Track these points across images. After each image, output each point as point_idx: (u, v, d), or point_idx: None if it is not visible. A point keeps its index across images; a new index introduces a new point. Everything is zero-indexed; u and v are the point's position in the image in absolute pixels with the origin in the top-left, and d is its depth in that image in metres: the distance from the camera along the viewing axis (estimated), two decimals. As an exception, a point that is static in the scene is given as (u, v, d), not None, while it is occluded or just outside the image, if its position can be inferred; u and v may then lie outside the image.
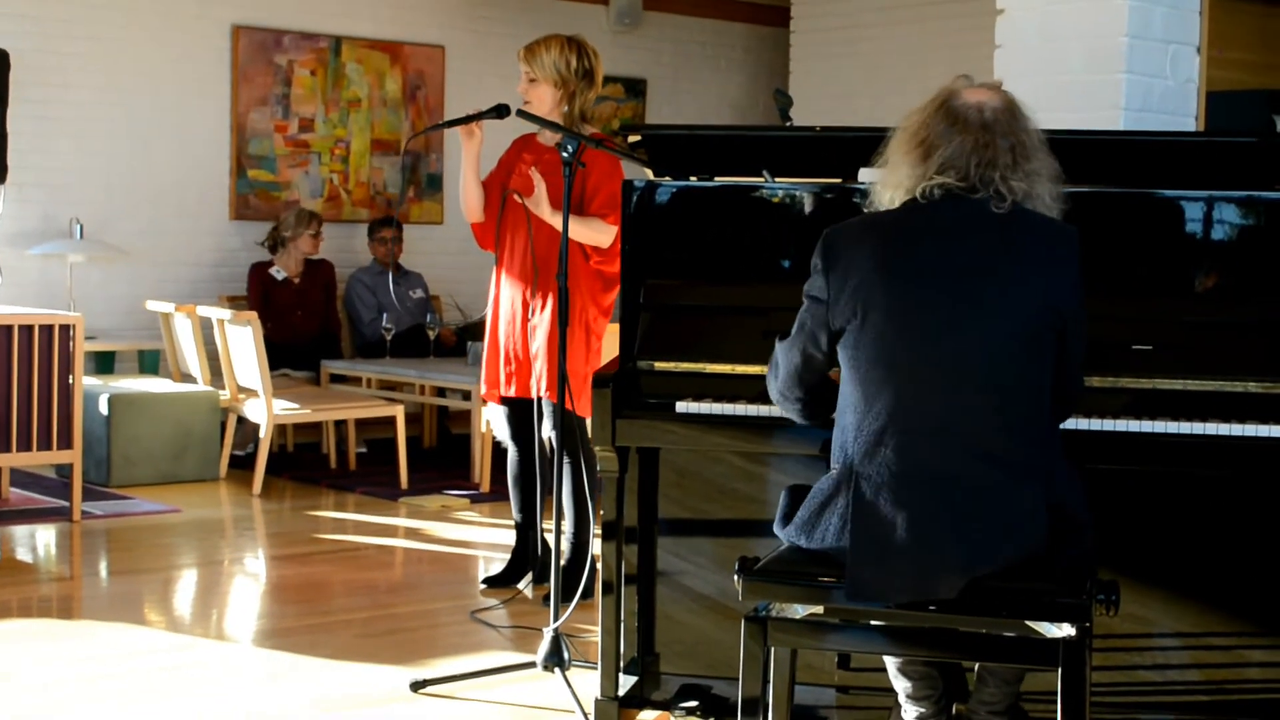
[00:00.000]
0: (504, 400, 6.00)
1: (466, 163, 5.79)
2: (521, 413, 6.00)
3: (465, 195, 5.89)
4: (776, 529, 3.67)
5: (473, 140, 5.72)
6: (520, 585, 6.17)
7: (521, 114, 5.38)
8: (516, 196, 5.68)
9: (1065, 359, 3.54)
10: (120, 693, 4.84)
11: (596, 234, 5.64)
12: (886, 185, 3.62)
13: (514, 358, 5.86)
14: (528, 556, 6.20)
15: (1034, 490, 3.42)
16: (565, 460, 5.77)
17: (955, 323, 3.44)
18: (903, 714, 3.90)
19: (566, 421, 5.66)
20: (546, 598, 5.80)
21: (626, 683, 4.47)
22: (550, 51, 5.82)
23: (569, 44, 5.85)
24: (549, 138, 5.85)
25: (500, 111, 5.50)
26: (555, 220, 5.52)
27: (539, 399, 5.74)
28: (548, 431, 5.90)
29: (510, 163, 5.92)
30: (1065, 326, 3.50)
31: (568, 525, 5.92)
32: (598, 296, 5.81)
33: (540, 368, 5.74)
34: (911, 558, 3.40)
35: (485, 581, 6.23)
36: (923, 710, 3.85)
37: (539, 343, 5.76)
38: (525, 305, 5.80)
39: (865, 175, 3.78)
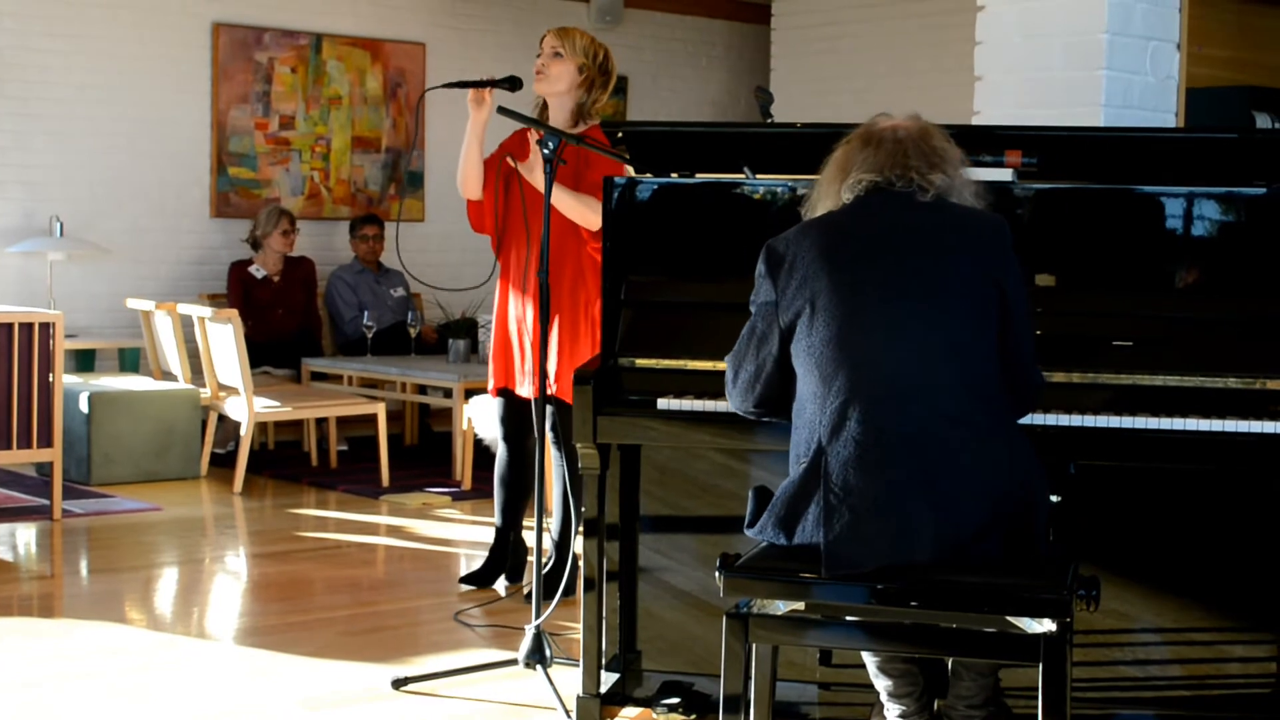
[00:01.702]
0: (505, 396, 5.94)
1: (472, 132, 5.65)
2: (525, 413, 5.97)
3: (465, 168, 5.73)
4: (748, 532, 3.68)
5: (482, 109, 5.57)
6: (496, 586, 6.16)
7: (503, 111, 5.32)
8: (510, 160, 5.61)
9: (1009, 339, 3.60)
10: (102, 691, 4.83)
11: (587, 210, 5.54)
12: (816, 208, 3.77)
13: (527, 356, 5.80)
14: (505, 555, 6.18)
15: (998, 448, 3.49)
16: (561, 457, 5.75)
17: (903, 294, 3.53)
18: (885, 712, 3.91)
19: (560, 417, 5.64)
20: (528, 595, 5.80)
21: (608, 680, 4.47)
22: (584, 38, 5.83)
23: (597, 41, 5.87)
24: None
25: (513, 83, 5.48)
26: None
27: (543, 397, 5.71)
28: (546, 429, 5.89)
29: (511, 148, 5.84)
30: (1005, 301, 3.58)
31: (555, 522, 5.91)
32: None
33: (551, 366, 5.68)
34: (885, 521, 3.44)
35: (463, 579, 6.22)
36: (904, 708, 3.86)
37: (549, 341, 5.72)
38: (534, 304, 5.73)
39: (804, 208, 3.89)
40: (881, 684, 3.88)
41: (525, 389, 5.80)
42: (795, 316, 3.58)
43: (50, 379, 7.33)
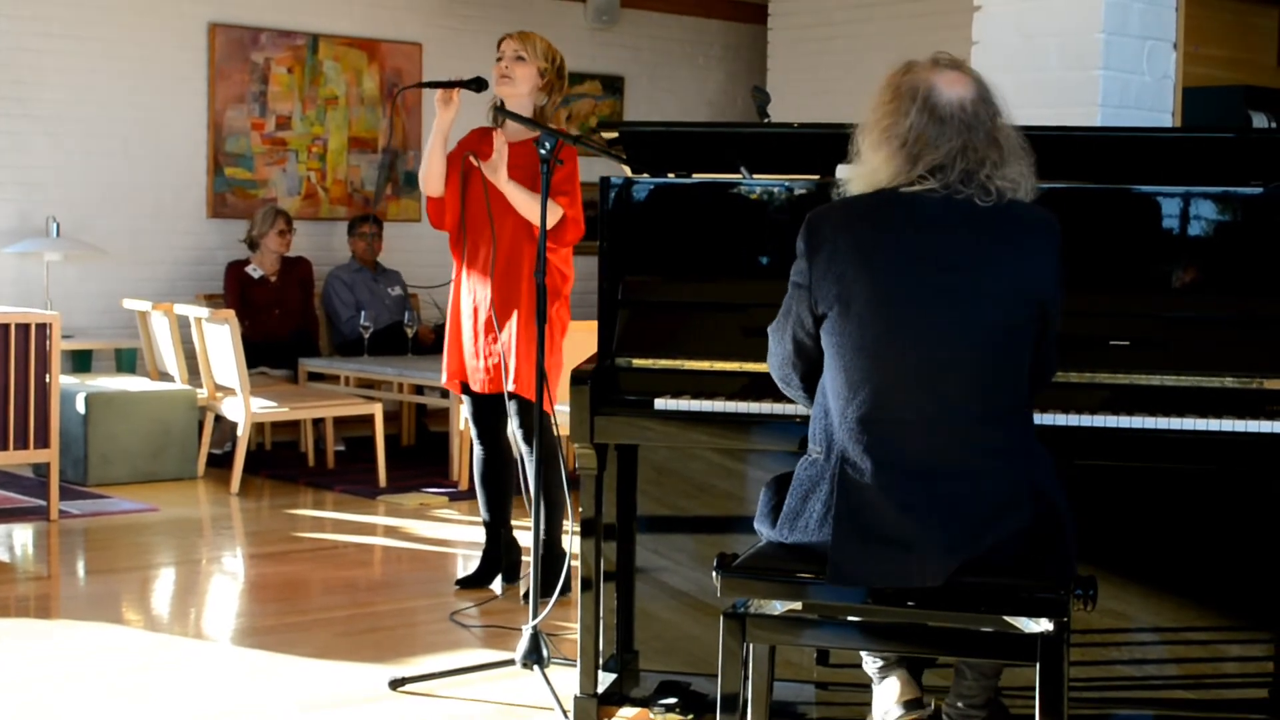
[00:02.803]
0: (472, 396, 5.98)
1: (438, 130, 5.73)
2: (490, 409, 6.00)
3: (429, 165, 5.79)
4: (759, 525, 3.68)
5: (449, 109, 5.69)
6: (493, 586, 6.16)
7: (500, 110, 5.38)
8: (472, 159, 5.68)
9: (1042, 345, 3.56)
10: (100, 692, 4.83)
11: (539, 208, 5.61)
12: (863, 178, 3.57)
13: (483, 353, 5.83)
14: (499, 554, 6.19)
15: (1017, 476, 3.44)
16: (529, 453, 5.77)
17: (938, 313, 3.44)
18: (864, 666, 3.91)
19: (523, 415, 5.68)
20: (526, 595, 5.80)
21: (605, 680, 4.47)
22: (542, 42, 5.94)
23: (553, 46, 5.92)
24: (515, 132, 5.81)
25: (479, 84, 5.63)
26: (508, 189, 5.58)
27: (506, 394, 5.74)
28: (513, 429, 5.90)
29: (471, 145, 5.87)
30: (1046, 313, 3.51)
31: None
32: (557, 285, 5.79)
33: (511, 363, 5.73)
34: (894, 543, 3.41)
35: (459, 583, 6.22)
36: (884, 659, 3.87)
37: (505, 337, 5.74)
38: (493, 300, 5.76)
39: (842, 171, 3.77)
40: None
41: (477, 384, 5.87)
42: (827, 309, 3.51)
43: (47, 379, 7.33)
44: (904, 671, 3.86)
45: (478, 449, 6.11)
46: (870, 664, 3.90)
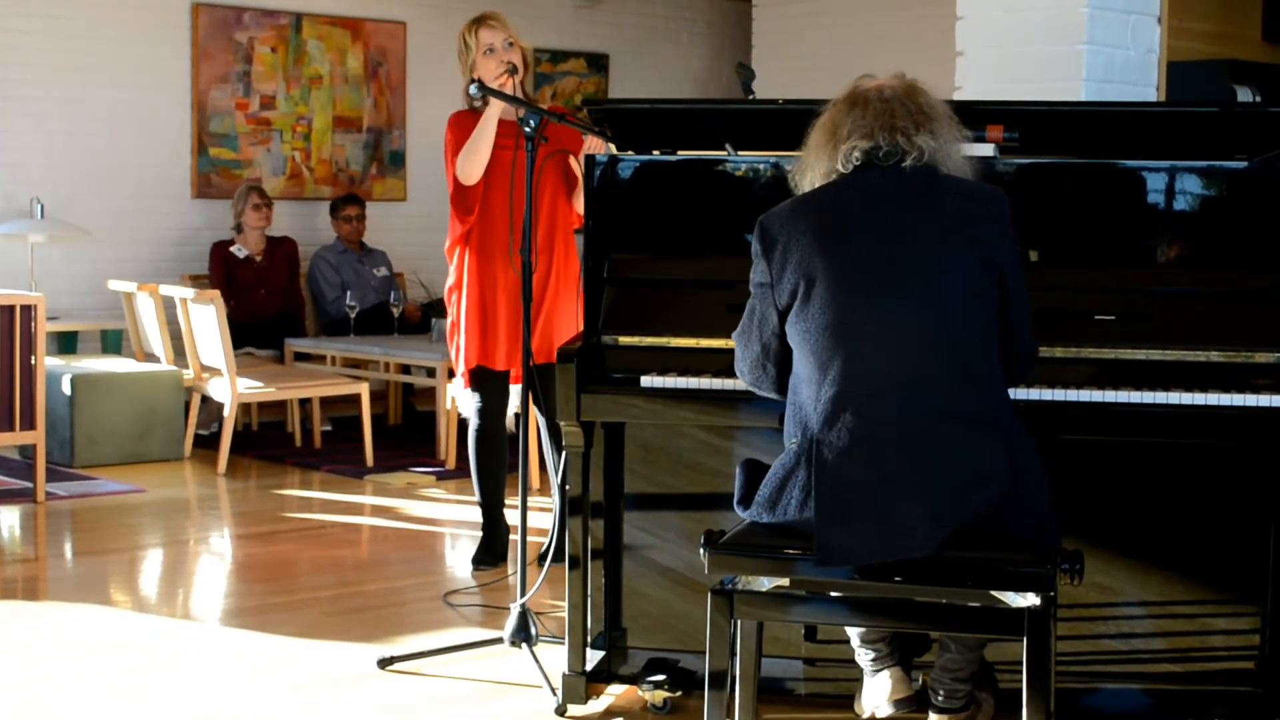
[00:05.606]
0: (493, 375, 5.92)
1: (494, 120, 5.71)
2: (506, 386, 5.98)
3: (480, 154, 5.73)
4: (736, 508, 3.69)
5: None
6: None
7: (483, 89, 5.36)
8: (574, 162, 5.68)
9: (1009, 316, 3.59)
10: (86, 675, 4.83)
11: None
12: (806, 174, 3.73)
13: (516, 331, 5.81)
14: (503, 531, 6.17)
15: (994, 442, 3.46)
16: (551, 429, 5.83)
17: (899, 283, 3.50)
18: (856, 658, 3.93)
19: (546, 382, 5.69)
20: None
21: (594, 657, 4.48)
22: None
23: None
24: (501, 113, 5.78)
25: (511, 70, 5.73)
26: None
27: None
28: (514, 407, 5.90)
29: (467, 130, 5.84)
30: (1005, 282, 3.56)
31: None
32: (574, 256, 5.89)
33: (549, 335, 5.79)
34: (879, 517, 3.43)
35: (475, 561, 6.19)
36: (877, 652, 3.88)
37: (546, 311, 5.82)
38: (545, 275, 5.81)
39: (793, 180, 3.86)
40: (854, 630, 3.89)
41: (517, 362, 5.85)
42: (791, 299, 3.57)
43: (32, 361, 7.32)
44: (898, 669, 3.87)
45: (484, 426, 6.01)
46: (863, 656, 3.91)
